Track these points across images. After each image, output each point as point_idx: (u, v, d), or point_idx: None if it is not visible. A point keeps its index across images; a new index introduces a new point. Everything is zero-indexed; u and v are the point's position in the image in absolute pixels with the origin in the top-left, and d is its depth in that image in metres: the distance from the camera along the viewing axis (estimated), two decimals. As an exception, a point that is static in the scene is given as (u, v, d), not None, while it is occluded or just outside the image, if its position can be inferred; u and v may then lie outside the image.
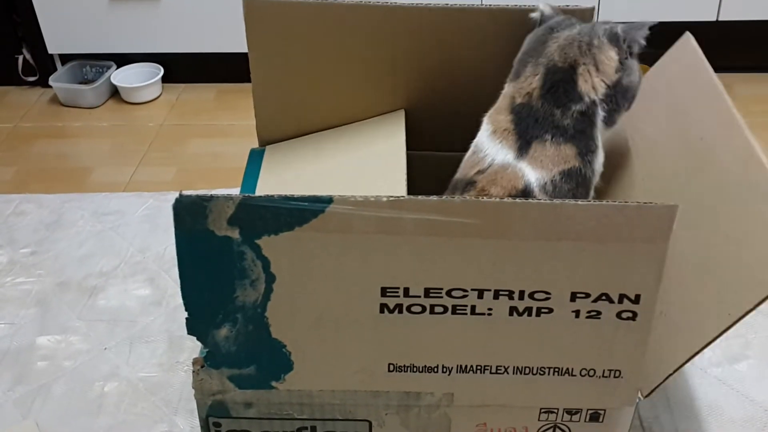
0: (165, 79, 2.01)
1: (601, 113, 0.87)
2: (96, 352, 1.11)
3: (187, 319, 0.69)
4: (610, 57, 0.86)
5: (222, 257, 0.66)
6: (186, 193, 0.64)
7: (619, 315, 0.69)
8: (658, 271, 0.67)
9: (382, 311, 0.69)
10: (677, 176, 0.86)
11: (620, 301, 0.68)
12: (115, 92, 2.00)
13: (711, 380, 1.02)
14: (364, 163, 0.98)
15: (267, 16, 0.95)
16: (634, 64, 0.88)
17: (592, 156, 0.87)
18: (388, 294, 0.68)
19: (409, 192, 0.93)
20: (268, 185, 0.97)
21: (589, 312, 0.69)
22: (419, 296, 0.68)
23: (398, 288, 0.68)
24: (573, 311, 0.69)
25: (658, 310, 0.70)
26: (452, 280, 0.68)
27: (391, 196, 0.64)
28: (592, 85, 0.86)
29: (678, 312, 0.75)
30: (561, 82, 0.85)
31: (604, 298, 0.68)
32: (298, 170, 1.00)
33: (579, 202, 0.65)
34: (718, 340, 0.69)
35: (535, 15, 0.92)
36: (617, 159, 0.94)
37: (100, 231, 1.37)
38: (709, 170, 0.81)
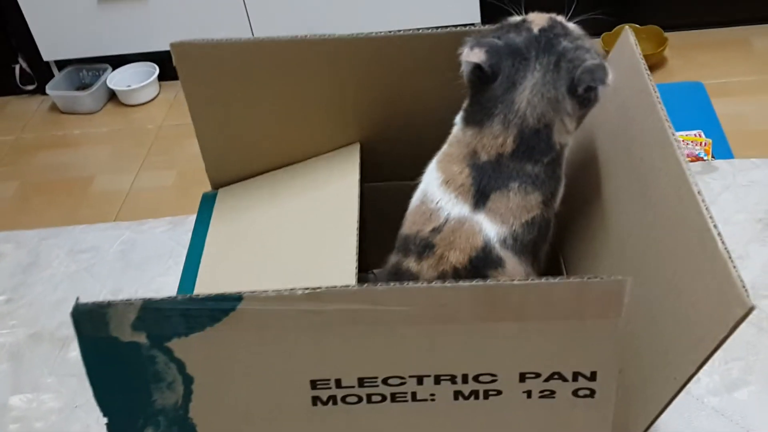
0: (162, 77, 1.97)
1: (570, 145, 0.80)
2: (67, 411, 1.08)
3: (107, 424, 0.65)
4: (573, 108, 0.78)
5: (132, 363, 0.61)
6: (83, 301, 0.58)
7: (575, 393, 0.62)
8: (614, 346, 0.60)
9: (314, 404, 0.63)
10: (623, 206, 0.79)
11: (575, 379, 0.61)
12: (113, 95, 1.98)
13: (708, 411, 0.95)
14: (317, 208, 0.92)
15: (199, 59, 0.88)
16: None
17: (556, 196, 0.80)
18: (318, 387, 0.62)
19: (366, 228, 0.87)
20: (217, 239, 0.92)
21: (541, 392, 0.62)
22: (353, 386, 0.62)
23: (329, 380, 0.62)
24: (524, 392, 0.62)
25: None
26: (387, 368, 0.61)
27: (308, 288, 0.58)
28: (565, 132, 0.78)
29: (633, 372, 0.69)
30: (536, 142, 0.76)
31: (556, 377, 0.61)
32: (249, 219, 0.94)
33: (515, 282, 0.58)
34: (717, 363, 0.62)
35: (511, 18, 0.82)
36: (576, 175, 0.87)
37: (75, 272, 1.33)
38: (650, 199, 0.73)
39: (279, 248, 0.89)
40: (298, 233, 0.90)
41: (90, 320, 0.59)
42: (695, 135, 1.80)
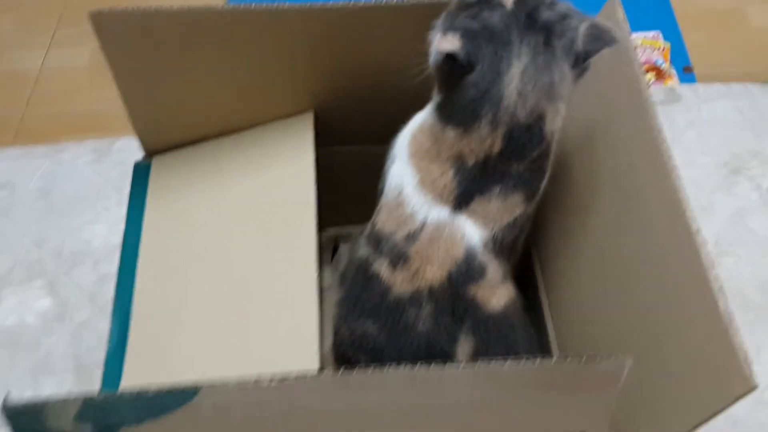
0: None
1: (557, 135, 0.72)
2: (-2, 387, 1.01)
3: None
4: (569, 88, 0.69)
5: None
6: (14, 398, 0.50)
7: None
8: (607, 410, 0.56)
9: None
10: (606, 213, 0.73)
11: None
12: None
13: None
14: (266, 188, 0.82)
15: (124, 29, 0.74)
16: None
17: (540, 190, 0.73)
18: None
19: (324, 198, 0.80)
20: (156, 228, 0.82)
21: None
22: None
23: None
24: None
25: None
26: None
27: (273, 379, 0.51)
28: (558, 117, 0.70)
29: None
30: (528, 138, 0.68)
31: (543, 438, 0.58)
32: (191, 199, 0.84)
33: (510, 367, 0.52)
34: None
35: None
36: (559, 179, 0.80)
37: (-10, 215, 1.21)
38: (638, 218, 0.67)
39: (226, 239, 0.80)
40: (247, 221, 0.81)
41: (24, 416, 0.51)
42: (653, 38, 1.73)
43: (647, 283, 0.64)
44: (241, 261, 0.75)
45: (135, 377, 0.69)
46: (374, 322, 0.72)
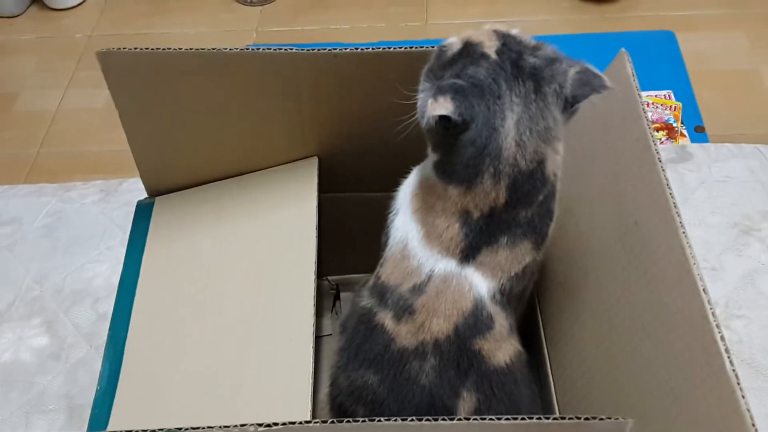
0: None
1: (560, 174, 0.71)
2: (-14, 432, 0.99)
3: None
4: (562, 129, 0.68)
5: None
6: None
7: None
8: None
9: None
10: (610, 268, 0.71)
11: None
12: (36, -5, 1.77)
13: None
14: (268, 232, 0.81)
15: (130, 68, 0.75)
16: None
17: (548, 234, 0.72)
18: None
19: (326, 245, 0.79)
20: (155, 266, 0.81)
21: None
22: None
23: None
24: None
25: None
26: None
27: (261, 425, 0.49)
28: (557, 158, 0.69)
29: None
30: (531, 184, 0.67)
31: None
32: (191, 240, 0.83)
33: (509, 422, 0.51)
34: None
35: (451, 44, 0.70)
36: (564, 230, 0.79)
37: (-6, 251, 1.21)
38: (644, 276, 0.66)
39: (224, 282, 0.79)
40: (245, 264, 0.80)
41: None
42: (665, 97, 1.73)
43: (653, 342, 0.62)
44: (238, 305, 0.74)
45: (123, 420, 0.68)
46: (375, 373, 0.70)
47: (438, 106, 0.64)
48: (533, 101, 0.66)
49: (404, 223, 0.72)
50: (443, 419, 0.51)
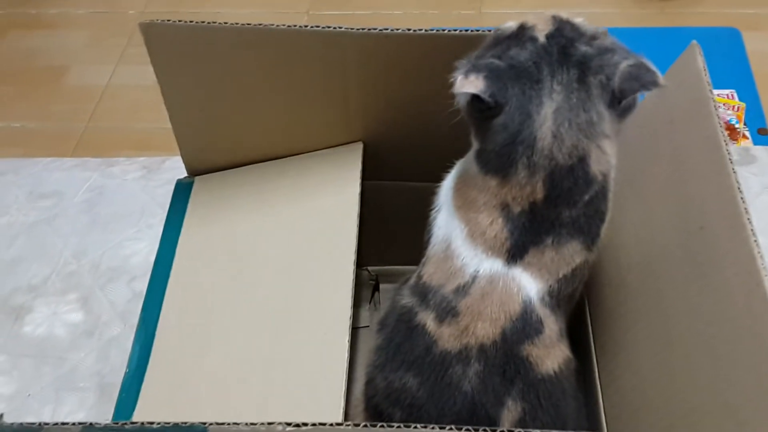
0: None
1: (614, 166, 0.66)
2: (20, 400, 0.97)
3: None
4: (612, 126, 0.63)
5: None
6: (6, 421, 0.47)
7: None
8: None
9: None
10: (676, 286, 0.66)
11: None
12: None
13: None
14: (308, 217, 0.78)
15: (174, 41, 0.72)
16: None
17: (600, 235, 0.67)
18: None
19: (367, 234, 0.76)
20: (191, 245, 0.78)
21: None
22: None
23: None
24: None
25: None
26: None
27: (289, 424, 0.46)
28: (605, 158, 0.64)
29: None
30: (572, 181, 0.62)
31: None
32: (229, 221, 0.80)
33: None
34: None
35: (507, 27, 0.66)
36: (620, 231, 0.74)
37: (34, 223, 1.19)
38: (710, 286, 0.60)
39: (261, 266, 0.76)
40: (283, 249, 0.77)
41: (16, 441, 0.48)
42: (727, 96, 1.65)
43: (715, 359, 0.57)
44: (272, 293, 0.71)
45: (149, 407, 0.65)
46: (415, 376, 0.66)
47: (468, 83, 0.60)
48: (575, 90, 0.61)
49: (446, 221, 0.69)
50: (484, 430, 0.47)
